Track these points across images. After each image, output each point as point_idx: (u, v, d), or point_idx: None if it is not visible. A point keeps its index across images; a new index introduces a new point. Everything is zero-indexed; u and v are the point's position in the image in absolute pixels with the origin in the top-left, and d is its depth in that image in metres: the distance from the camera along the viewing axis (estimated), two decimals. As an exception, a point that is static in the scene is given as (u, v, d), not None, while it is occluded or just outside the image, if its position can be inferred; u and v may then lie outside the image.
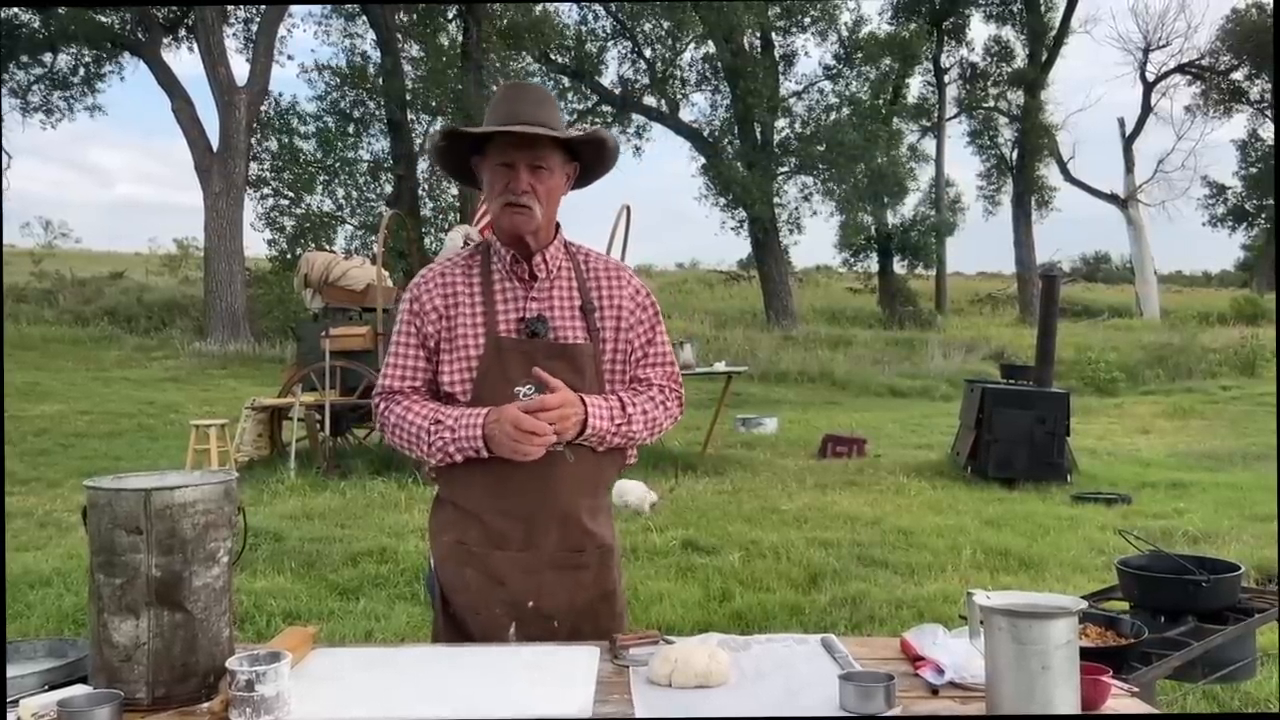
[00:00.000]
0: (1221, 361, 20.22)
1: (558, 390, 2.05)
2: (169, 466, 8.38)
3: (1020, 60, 31.56)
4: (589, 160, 2.27)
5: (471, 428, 2.07)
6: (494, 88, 23.80)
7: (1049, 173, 32.93)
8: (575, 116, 27.09)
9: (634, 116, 27.46)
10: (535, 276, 2.20)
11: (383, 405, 2.23)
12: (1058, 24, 30.97)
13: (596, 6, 26.07)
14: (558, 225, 2.26)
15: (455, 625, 2.22)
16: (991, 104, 32.43)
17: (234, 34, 23.92)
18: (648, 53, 26.85)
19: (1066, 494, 8.35)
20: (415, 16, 24.14)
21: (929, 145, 31.07)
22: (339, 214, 24.30)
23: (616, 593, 2.28)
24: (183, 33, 23.92)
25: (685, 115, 27.35)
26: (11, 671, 1.79)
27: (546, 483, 2.12)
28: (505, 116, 2.13)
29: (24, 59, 22.75)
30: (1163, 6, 66.66)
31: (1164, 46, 35.09)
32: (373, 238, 19.73)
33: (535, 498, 2.13)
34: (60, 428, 11.63)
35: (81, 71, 23.94)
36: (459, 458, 2.11)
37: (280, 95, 24.47)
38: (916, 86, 31.20)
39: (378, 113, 24.42)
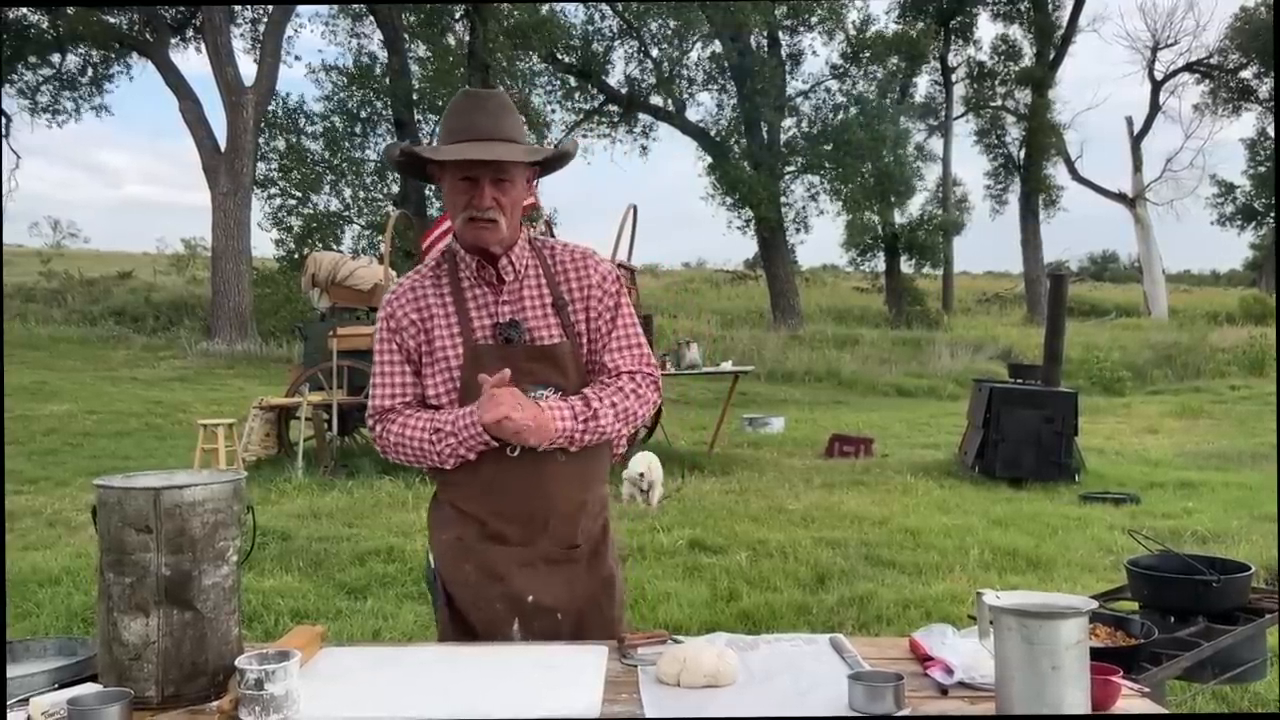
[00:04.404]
0: (1230, 361, 20.15)
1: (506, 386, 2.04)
2: (177, 466, 8.41)
3: (1028, 59, 31.50)
4: (549, 162, 2.24)
5: (471, 426, 2.08)
6: (499, 88, 24.02)
7: (1056, 172, 32.92)
8: (581, 116, 27.13)
9: (640, 116, 27.47)
10: (503, 280, 2.18)
11: (379, 427, 2.22)
12: (1065, 23, 30.95)
13: (603, 6, 26.07)
14: (521, 224, 2.23)
15: (459, 620, 2.23)
16: (999, 103, 32.38)
17: (241, 34, 24.05)
18: (654, 52, 26.83)
19: (1074, 494, 8.32)
20: (422, 17, 24.17)
21: (936, 144, 31.12)
22: (346, 214, 24.35)
23: (615, 577, 2.30)
24: (190, 33, 24.00)
25: (692, 115, 27.41)
26: (21, 670, 1.79)
27: (540, 483, 2.14)
28: (463, 130, 2.09)
29: (32, 59, 22.84)
30: (1171, 5, 66.33)
31: (1172, 45, 35.02)
32: (379, 237, 19.73)
33: (530, 499, 2.15)
34: (68, 427, 11.66)
35: (89, 72, 24.06)
36: (473, 455, 2.12)
37: (287, 95, 24.55)
38: (924, 86, 31.25)
39: (384, 112, 24.46)
